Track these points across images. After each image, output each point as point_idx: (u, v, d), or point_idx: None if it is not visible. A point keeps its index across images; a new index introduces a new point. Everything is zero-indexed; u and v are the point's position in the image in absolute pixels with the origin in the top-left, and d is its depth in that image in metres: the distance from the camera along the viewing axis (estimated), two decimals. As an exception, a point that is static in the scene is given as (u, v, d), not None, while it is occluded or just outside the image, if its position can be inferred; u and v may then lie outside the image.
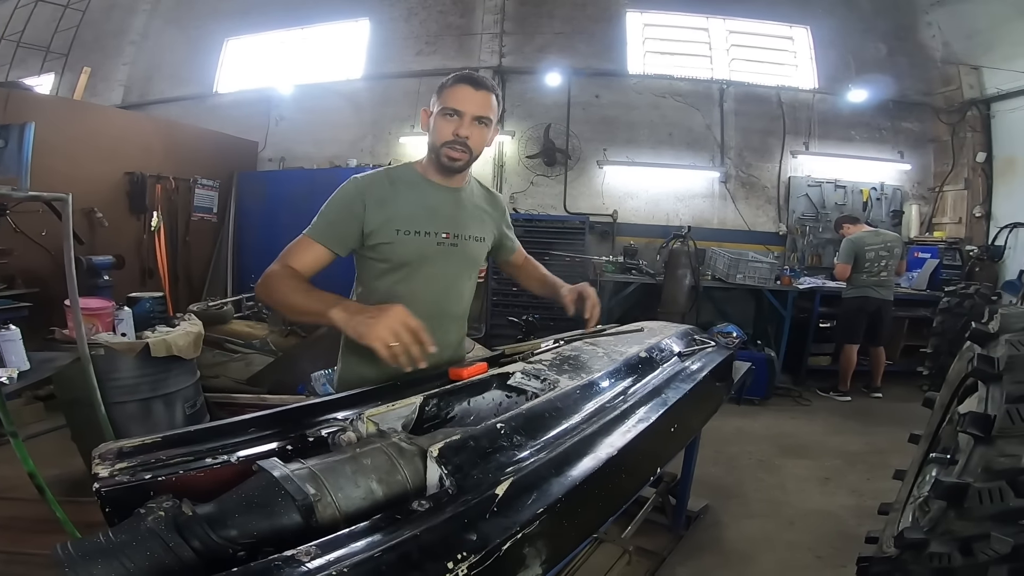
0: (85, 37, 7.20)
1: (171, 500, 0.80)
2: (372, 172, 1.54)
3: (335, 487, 0.85)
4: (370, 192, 1.47)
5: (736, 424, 4.12)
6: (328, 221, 1.47)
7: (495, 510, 0.78)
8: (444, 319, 1.56)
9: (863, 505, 2.96)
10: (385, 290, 1.50)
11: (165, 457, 0.96)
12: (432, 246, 1.50)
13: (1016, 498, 1.16)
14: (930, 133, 6.22)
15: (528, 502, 0.82)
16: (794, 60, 6.44)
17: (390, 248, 1.47)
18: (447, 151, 1.45)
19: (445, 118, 1.44)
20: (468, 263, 1.61)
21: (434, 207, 1.52)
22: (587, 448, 0.99)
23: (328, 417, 1.14)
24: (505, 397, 1.34)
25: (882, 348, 4.94)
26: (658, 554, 2.46)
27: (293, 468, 0.86)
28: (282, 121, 6.72)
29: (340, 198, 1.49)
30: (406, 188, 1.51)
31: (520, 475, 0.86)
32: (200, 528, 0.76)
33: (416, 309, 1.42)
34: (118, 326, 3.08)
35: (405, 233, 1.47)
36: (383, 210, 1.46)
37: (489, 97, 1.46)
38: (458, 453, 0.89)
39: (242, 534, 0.77)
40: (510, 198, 6.29)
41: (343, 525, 0.81)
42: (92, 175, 4.85)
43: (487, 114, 1.45)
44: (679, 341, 1.82)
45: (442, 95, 1.45)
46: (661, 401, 1.29)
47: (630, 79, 6.26)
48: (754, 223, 6.23)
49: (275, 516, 0.79)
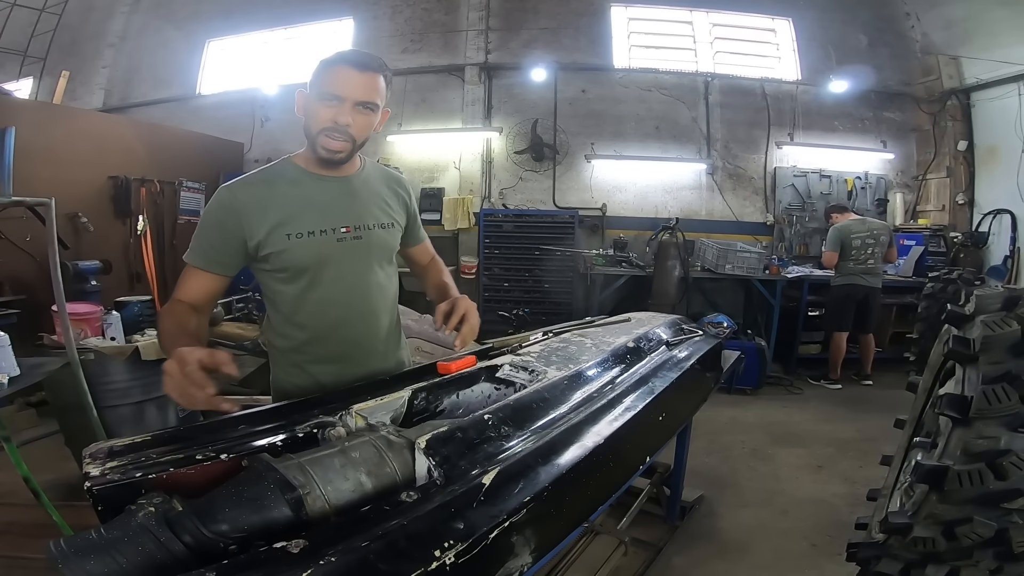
0: (63, 41, 7.08)
1: (162, 496, 0.81)
2: (244, 176, 1.37)
3: (324, 480, 0.86)
4: (244, 200, 1.31)
5: (729, 414, 4.16)
6: (205, 243, 1.31)
7: (482, 499, 0.79)
8: (367, 318, 1.45)
9: (856, 493, 2.97)
10: (291, 301, 1.38)
11: (155, 455, 0.96)
12: (332, 244, 1.35)
13: (996, 480, 1.15)
14: (912, 123, 6.30)
15: (515, 491, 0.82)
16: (777, 52, 6.49)
17: (285, 256, 1.32)
18: (325, 140, 1.29)
19: (323, 103, 1.27)
20: (379, 253, 1.45)
21: (325, 201, 1.36)
22: (574, 437, 1.00)
23: (317, 413, 1.13)
24: (494, 389, 1.34)
25: (871, 335, 4.99)
26: (654, 545, 2.48)
27: (282, 463, 0.87)
28: (268, 122, 6.67)
29: (211, 214, 1.32)
30: (287, 187, 1.35)
31: (507, 465, 0.87)
32: (190, 523, 0.76)
33: (331, 315, 1.39)
34: (107, 330, 3.08)
35: (298, 236, 1.31)
36: (265, 216, 1.30)
37: (375, 79, 1.29)
38: (445, 444, 0.89)
39: (233, 528, 0.78)
40: (499, 194, 6.29)
41: (333, 517, 0.83)
42: (75, 180, 4.80)
43: (373, 99, 1.29)
44: (667, 330, 1.83)
45: (320, 76, 1.28)
46: (648, 389, 1.30)
47: (616, 73, 6.27)
48: (742, 214, 6.27)
49: (265, 510, 0.80)
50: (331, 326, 1.40)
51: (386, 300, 1.49)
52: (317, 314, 1.38)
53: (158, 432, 1.03)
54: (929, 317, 4.25)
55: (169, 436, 1.03)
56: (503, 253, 6.06)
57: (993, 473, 1.15)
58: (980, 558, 1.18)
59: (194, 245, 1.33)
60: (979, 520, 1.15)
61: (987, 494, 1.16)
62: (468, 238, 6.17)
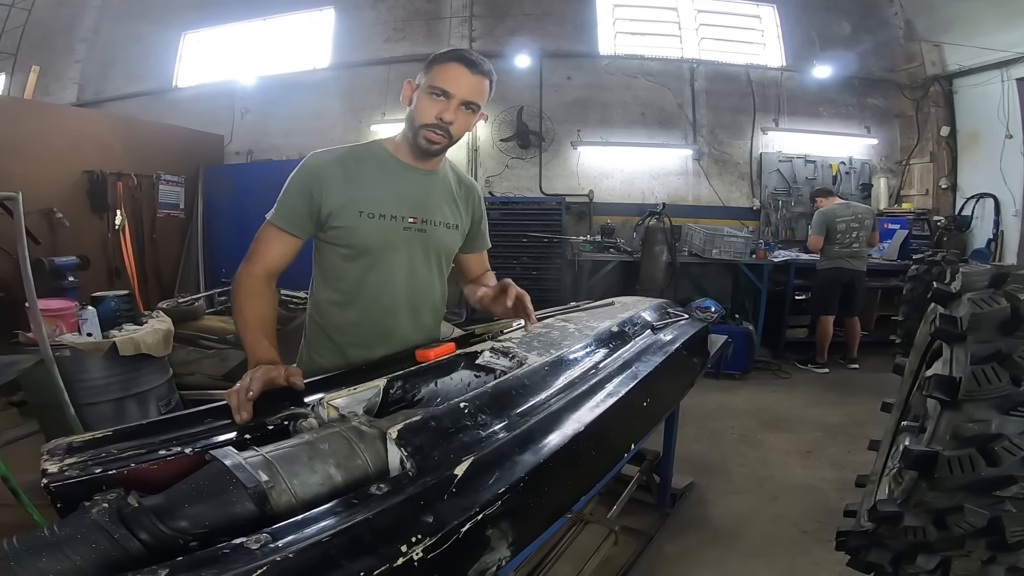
0: (34, 36, 6.91)
1: (116, 493, 0.78)
2: (335, 148, 1.42)
3: (290, 473, 0.82)
4: (331, 169, 1.35)
5: (718, 399, 4.16)
6: (289, 204, 1.35)
7: (454, 491, 0.75)
8: (417, 308, 1.47)
9: (845, 478, 2.96)
10: (350, 279, 1.40)
11: (116, 451, 0.93)
12: (399, 231, 1.39)
13: (988, 467, 1.09)
14: (895, 108, 6.34)
15: (489, 482, 0.79)
16: (762, 39, 6.48)
17: (351, 232, 1.35)
18: (427, 133, 1.33)
19: (431, 97, 1.30)
20: (437, 250, 1.49)
21: (403, 189, 1.40)
22: (553, 424, 0.96)
23: (289, 404, 1.09)
24: (474, 377, 1.31)
25: (856, 319, 5.01)
26: (645, 533, 2.45)
27: (246, 456, 0.84)
28: (248, 114, 6.55)
29: (299, 177, 1.37)
30: (374, 167, 1.39)
31: (482, 454, 0.83)
32: (147, 519, 0.74)
33: (384, 299, 1.40)
34: (83, 326, 3.00)
35: (369, 216, 1.35)
36: (345, 190, 1.35)
37: (483, 82, 1.32)
38: (418, 434, 0.86)
39: (193, 524, 0.75)
40: (485, 182, 6.24)
41: (301, 511, 0.80)
42: (49, 175, 4.69)
43: (477, 100, 1.33)
44: (652, 314, 1.80)
45: (432, 71, 1.31)
46: (632, 374, 1.27)
47: (601, 60, 6.22)
48: (728, 199, 6.28)
49: (227, 505, 0.77)
50: (380, 311, 1.42)
51: (434, 298, 1.52)
52: (369, 296, 1.40)
53: (120, 428, 0.99)
54: (914, 299, 4.26)
55: (132, 431, 0.99)
56: (491, 240, 5.97)
57: (984, 459, 1.09)
58: (972, 548, 1.13)
59: (279, 206, 1.36)
60: (971, 509, 1.10)
61: (979, 481, 1.10)
62: (455, 227, 6.10)
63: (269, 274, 1.34)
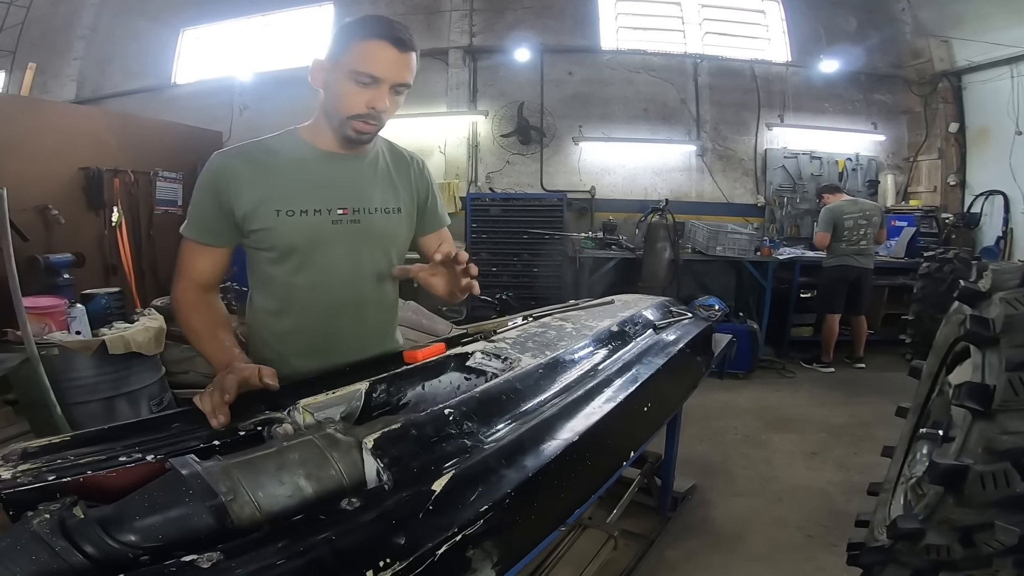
0: (32, 34, 6.87)
1: (62, 502, 0.71)
2: (243, 143, 1.26)
3: (254, 485, 0.76)
4: (237, 168, 1.20)
5: (721, 399, 4.08)
6: (199, 212, 1.22)
7: (430, 509, 0.68)
8: (362, 308, 1.34)
9: (851, 480, 2.91)
10: (279, 283, 1.27)
11: (74, 457, 0.87)
12: (327, 226, 1.24)
13: (1023, 482, 0.98)
14: (902, 105, 6.24)
15: (471, 498, 0.71)
16: (767, 34, 6.38)
17: (273, 233, 1.21)
18: (356, 124, 1.18)
19: (356, 85, 1.14)
20: (378, 240, 1.32)
21: (326, 180, 1.25)
22: (545, 433, 0.89)
23: (263, 408, 1.02)
24: (464, 379, 1.22)
25: (863, 317, 4.93)
26: (645, 537, 2.39)
27: (206, 465, 0.77)
28: (246, 110, 6.49)
29: (203, 181, 1.22)
30: (289, 160, 1.24)
31: (464, 467, 0.76)
32: (93, 531, 0.68)
33: (321, 302, 1.29)
34: (71, 324, 2.95)
35: (288, 214, 1.20)
36: (257, 188, 1.20)
37: (412, 58, 1.16)
38: (396, 444, 0.79)
39: (144, 538, 0.69)
40: (486, 178, 6.18)
41: (267, 526, 0.73)
42: (44, 172, 4.62)
43: (408, 80, 1.17)
44: (654, 313, 1.73)
45: (352, 51, 1.13)
46: (632, 377, 1.19)
47: (603, 55, 6.14)
48: (732, 195, 6.19)
49: (182, 518, 0.71)
50: (319, 315, 1.29)
51: (381, 292, 1.37)
52: (304, 301, 1.29)
53: (80, 432, 0.93)
54: (926, 298, 4.18)
55: (93, 436, 0.93)
56: (491, 238, 5.95)
57: (1020, 473, 0.99)
58: (999, 567, 1.04)
59: (189, 216, 1.24)
60: (1001, 526, 1.00)
61: (1012, 497, 1.00)
62: (455, 223, 5.96)
63: (203, 288, 1.25)
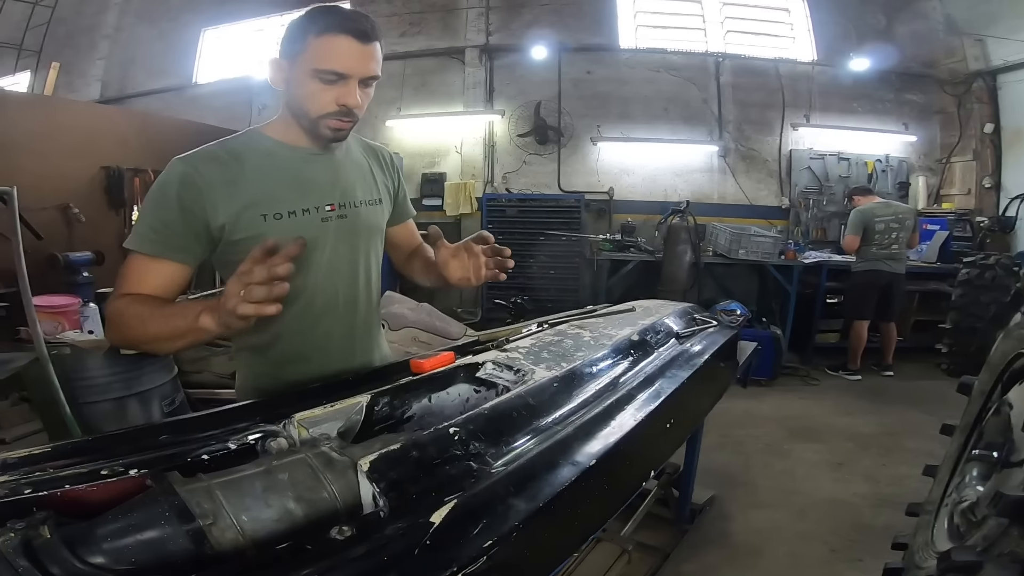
0: (58, 33, 7.01)
1: (29, 520, 0.65)
2: (203, 148, 1.15)
3: (238, 507, 0.69)
4: (207, 175, 1.09)
5: (742, 406, 3.95)
6: (159, 223, 1.07)
7: (428, 543, 0.60)
8: (351, 304, 1.27)
9: (879, 493, 2.81)
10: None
11: (54, 469, 0.81)
12: (317, 224, 1.17)
13: None
14: (935, 105, 6.04)
15: (474, 532, 0.63)
16: (791, 32, 6.22)
17: (261, 241, 1.08)
18: (330, 122, 1.11)
19: (321, 83, 1.07)
20: (366, 233, 1.27)
21: (307, 178, 1.18)
22: (559, 456, 0.80)
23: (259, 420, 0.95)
24: (473, 392, 1.15)
25: (893, 324, 4.75)
26: (661, 550, 2.31)
27: (188, 485, 0.71)
28: (264, 109, 6.51)
29: (166, 190, 1.08)
30: (260, 160, 1.15)
31: (469, 495, 0.68)
32: (59, 552, 0.62)
33: (317, 304, 1.21)
34: (84, 323, 2.94)
35: (276, 217, 1.12)
36: (235, 195, 1.10)
37: (376, 48, 1.09)
38: (395, 466, 0.71)
39: (115, 560, 0.64)
40: (503, 178, 6.12)
41: (251, 552, 0.67)
42: (66, 171, 4.67)
43: (376, 72, 1.11)
44: (677, 321, 1.63)
45: (311, 47, 1.05)
46: (655, 393, 1.10)
47: (622, 54, 6.03)
48: (755, 197, 6.04)
49: (157, 542, 0.65)
50: (313, 317, 1.22)
51: (369, 287, 1.31)
52: (297, 304, 1.19)
53: (62, 443, 0.87)
54: (965, 306, 3.99)
55: (74, 448, 0.87)
56: (507, 239, 5.74)
57: None
58: None
59: (142, 228, 1.08)
60: None
61: None
62: (471, 224, 5.99)
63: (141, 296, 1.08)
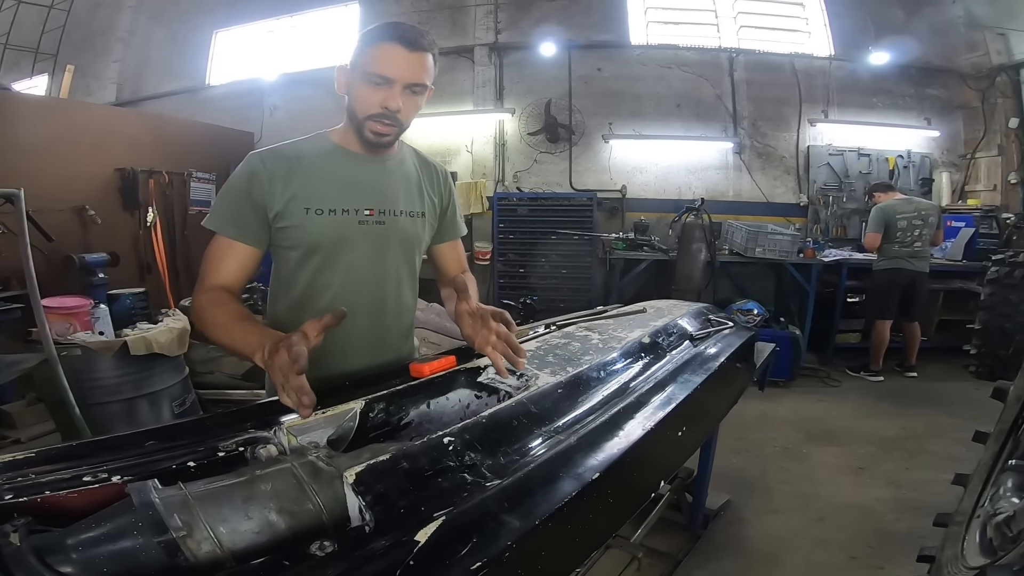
0: (73, 37, 7.12)
1: (2, 528, 0.63)
2: (276, 145, 1.28)
3: (215, 518, 0.66)
4: (272, 167, 1.22)
5: (758, 408, 3.86)
6: (236, 211, 1.21)
7: (411, 564, 0.55)
8: (379, 308, 1.32)
9: (901, 498, 2.72)
10: (302, 283, 1.27)
11: (35, 475, 0.79)
12: (352, 226, 1.25)
13: None
14: (958, 99, 5.87)
15: (462, 552, 0.58)
16: (806, 27, 6.10)
17: (299, 231, 1.22)
18: (373, 125, 1.20)
19: (369, 85, 1.17)
20: (402, 243, 1.33)
21: (353, 180, 1.27)
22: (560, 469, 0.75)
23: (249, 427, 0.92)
24: (474, 397, 1.10)
25: (916, 324, 4.61)
26: (672, 556, 2.24)
27: (165, 494, 0.68)
28: (276, 111, 6.56)
29: (241, 179, 1.22)
30: (318, 160, 1.26)
31: (458, 511, 0.63)
32: (27, 561, 0.60)
33: (339, 302, 1.20)
34: (95, 324, 2.95)
35: (317, 212, 1.22)
36: (288, 186, 1.21)
37: (425, 59, 1.17)
38: (383, 478, 0.67)
39: (85, 570, 0.61)
40: (513, 177, 6.07)
41: (230, 564, 0.64)
42: (81, 173, 4.74)
43: (422, 80, 1.18)
44: (691, 322, 1.57)
45: (365, 53, 1.17)
46: (667, 399, 1.04)
47: (633, 50, 5.95)
48: (772, 194, 5.91)
49: (129, 552, 0.62)
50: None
51: (400, 294, 1.36)
52: (324, 300, 1.27)
53: (46, 448, 0.85)
54: (994, 305, 3.84)
55: (58, 453, 0.84)
56: (518, 238, 5.83)
57: None
58: None
59: (221, 213, 1.22)
60: None
61: None
62: (482, 223, 5.96)
63: (228, 291, 1.20)
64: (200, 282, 1.21)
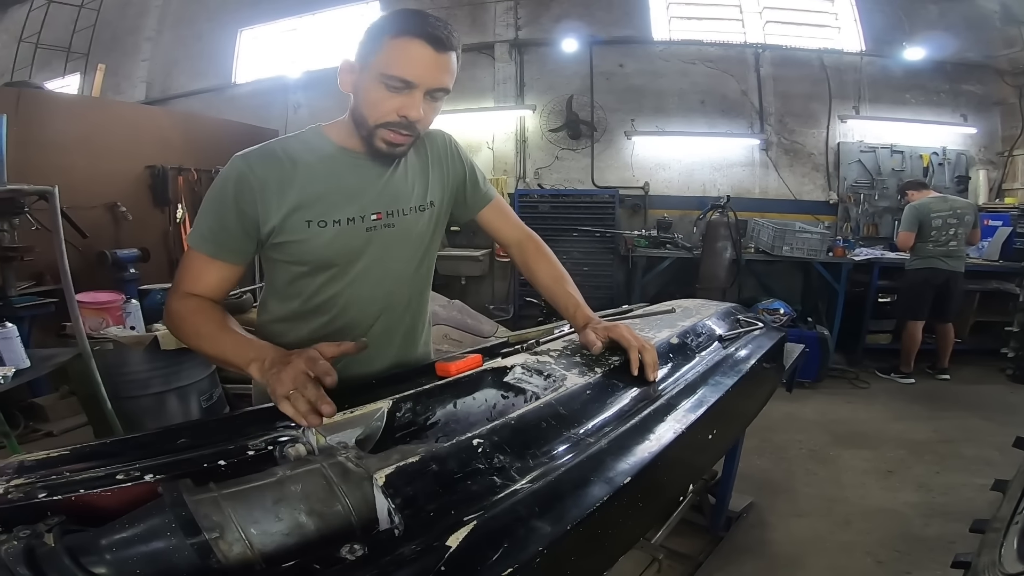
0: (103, 36, 7.27)
1: (34, 527, 0.64)
2: (264, 145, 1.11)
3: (247, 520, 0.66)
4: (263, 173, 1.06)
5: (785, 409, 3.78)
6: (217, 224, 1.07)
7: (442, 570, 0.55)
8: (388, 310, 1.23)
9: (931, 502, 2.65)
10: (303, 296, 1.16)
11: (69, 473, 0.79)
12: (360, 234, 1.12)
13: None
14: (995, 95, 5.67)
15: (494, 557, 0.57)
16: (836, 22, 5.95)
17: (303, 247, 1.09)
18: (386, 134, 1.05)
19: (387, 89, 1.00)
20: (411, 241, 1.22)
21: (357, 184, 1.12)
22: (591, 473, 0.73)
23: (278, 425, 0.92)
24: (500, 398, 1.08)
25: (950, 325, 4.48)
26: (693, 558, 2.21)
27: (197, 495, 0.68)
28: (300, 108, 6.63)
29: (225, 188, 1.07)
30: (316, 163, 1.10)
31: (489, 515, 0.62)
32: (61, 561, 0.61)
33: (352, 311, 1.17)
34: (127, 319, 3.02)
35: (321, 224, 1.08)
36: (285, 196, 1.06)
37: (451, 60, 1.02)
38: (412, 481, 0.66)
39: (118, 572, 0.61)
40: (535, 173, 6.04)
41: (260, 567, 0.64)
42: (113, 170, 4.85)
43: (447, 85, 1.03)
44: (720, 323, 1.54)
45: (384, 50, 0.99)
46: (697, 402, 1.02)
47: (655, 46, 5.87)
48: (800, 192, 5.79)
49: (162, 554, 0.63)
50: (345, 321, 1.19)
51: (410, 294, 1.27)
52: (331, 307, 1.18)
53: (81, 446, 0.86)
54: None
55: (91, 451, 0.85)
56: (539, 235, 5.77)
57: None
58: None
59: (202, 227, 1.09)
60: None
61: None
62: (503, 221, 5.95)
63: (207, 299, 1.10)
64: (175, 288, 1.10)
